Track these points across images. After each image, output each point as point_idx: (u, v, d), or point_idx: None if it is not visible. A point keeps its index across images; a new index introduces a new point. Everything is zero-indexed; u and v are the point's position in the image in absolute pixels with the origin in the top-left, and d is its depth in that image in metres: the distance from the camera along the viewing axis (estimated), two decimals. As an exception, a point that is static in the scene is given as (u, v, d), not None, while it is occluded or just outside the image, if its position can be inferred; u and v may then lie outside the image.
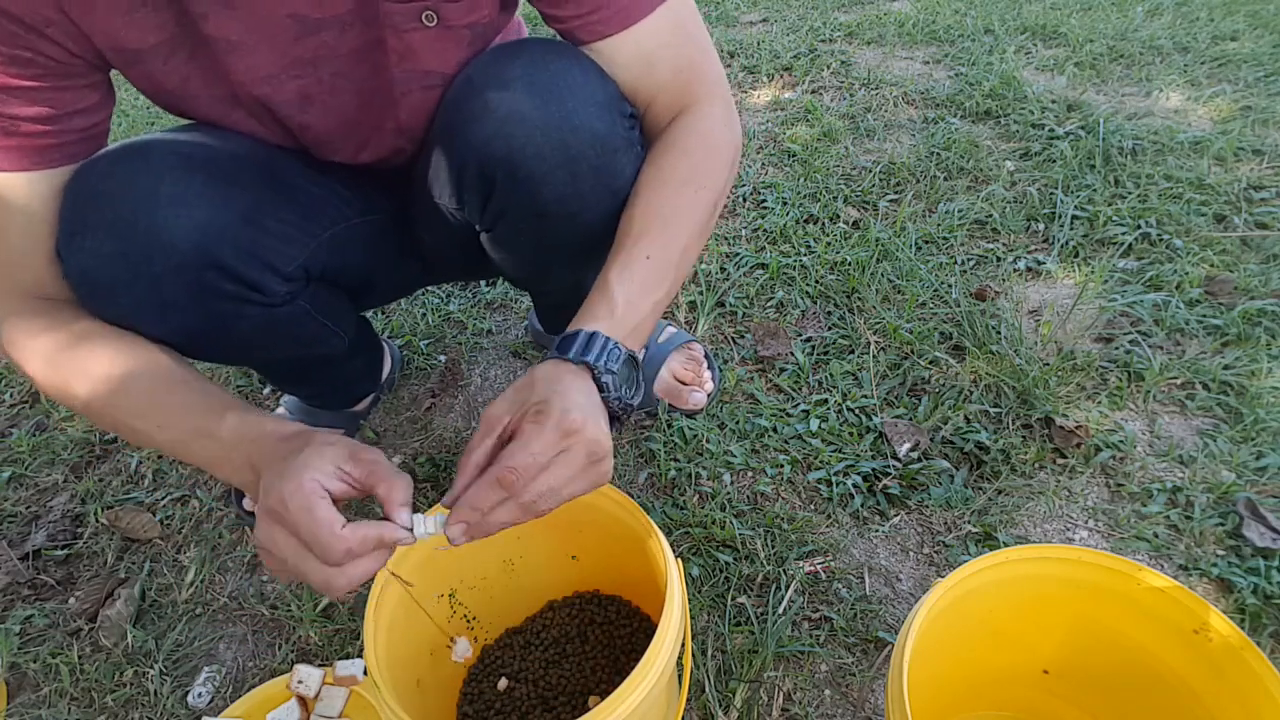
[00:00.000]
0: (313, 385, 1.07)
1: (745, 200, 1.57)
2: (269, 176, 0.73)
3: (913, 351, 1.18)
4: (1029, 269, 1.32)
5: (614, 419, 0.59)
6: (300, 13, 0.63)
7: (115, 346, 0.65)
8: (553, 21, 0.68)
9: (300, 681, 0.62)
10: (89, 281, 0.64)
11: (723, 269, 1.38)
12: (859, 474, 1.01)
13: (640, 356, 0.64)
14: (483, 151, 0.68)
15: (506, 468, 0.51)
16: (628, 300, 0.61)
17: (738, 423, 1.10)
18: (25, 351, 0.64)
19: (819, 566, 0.92)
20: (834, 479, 1.01)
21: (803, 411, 1.11)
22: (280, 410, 1.13)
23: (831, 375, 1.15)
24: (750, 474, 1.04)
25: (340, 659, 0.62)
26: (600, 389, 0.58)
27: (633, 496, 0.88)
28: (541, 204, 0.70)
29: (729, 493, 1.01)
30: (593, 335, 0.59)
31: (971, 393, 1.10)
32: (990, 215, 1.43)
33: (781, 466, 1.04)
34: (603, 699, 0.54)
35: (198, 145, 0.69)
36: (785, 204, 1.53)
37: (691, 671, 0.83)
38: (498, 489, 0.51)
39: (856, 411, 1.10)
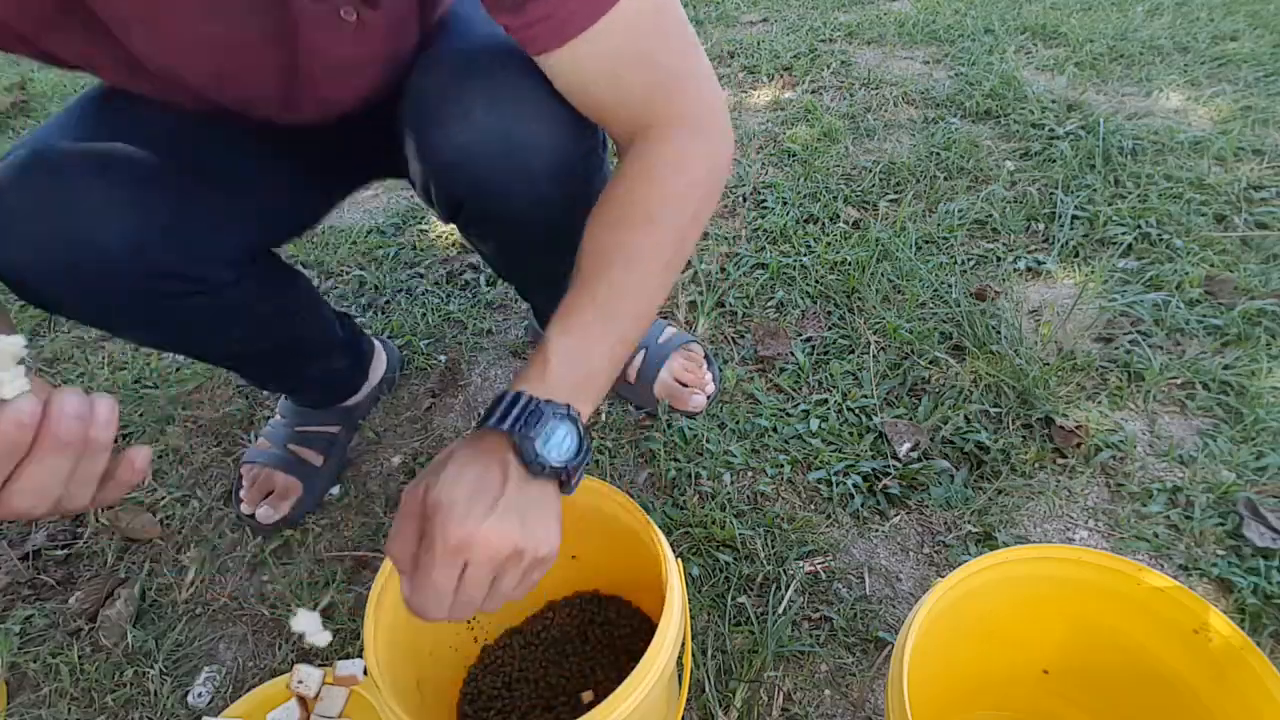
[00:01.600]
0: (291, 380, 1.07)
1: (745, 200, 1.57)
2: (191, 159, 0.71)
3: (913, 351, 1.18)
4: (1029, 269, 1.32)
5: (562, 483, 0.55)
6: None
7: None
8: (505, 30, 0.65)
9: (300, 681, 0.62)
10: (29, 294, 0.65)
11: (723, 269, 1.38)
12: (859, 474, 1.01)
13: (581, 417, 0.56)
14: (445, 176, 0.70)
15: (415, 609, 0.50)
16: (567, 352, 0.56)
17: (738, 423, 1.10)
18: None
19: (819, 566, 0.92)
20: (834, 479, 1.01)
21: (803, 411, 1.11)
22: (277, 416, 1.13)
23: (831, 375, 1.15)
24: (750, 474, 1.04)
25: (340, 659, 0.62)
26: (519, 454, 0.53)
27: (633, 496, 0.88)
28: (507, 216, 0.72)
29: (729, 493, 1.01)
30: (516, 397, 0.54)
31: (971, 393, 1.10)
32: (990, 215, 1.43)
33: (781, 466, 1.04)
34: (597, 695, 0.54)
35: (111, 143, 0.66)
36: (785, 204, 1.53)
37: (691, 671, 0.83)
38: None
39: (856, 411, 1.10)
